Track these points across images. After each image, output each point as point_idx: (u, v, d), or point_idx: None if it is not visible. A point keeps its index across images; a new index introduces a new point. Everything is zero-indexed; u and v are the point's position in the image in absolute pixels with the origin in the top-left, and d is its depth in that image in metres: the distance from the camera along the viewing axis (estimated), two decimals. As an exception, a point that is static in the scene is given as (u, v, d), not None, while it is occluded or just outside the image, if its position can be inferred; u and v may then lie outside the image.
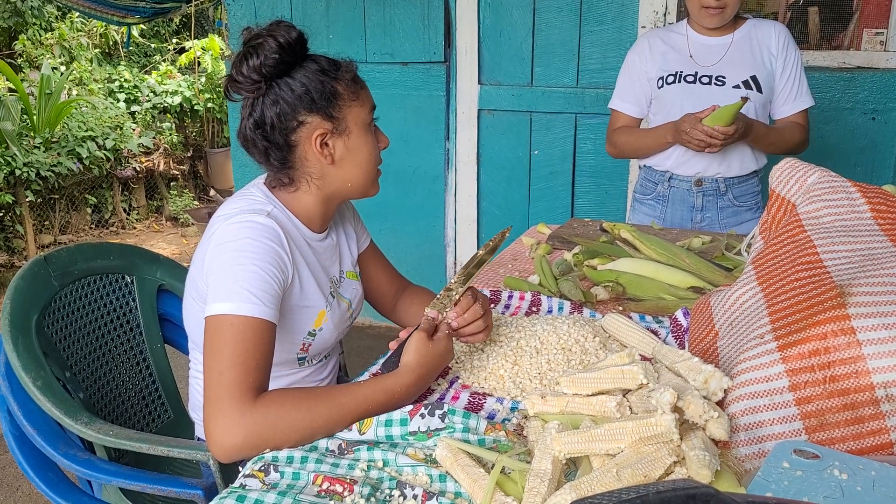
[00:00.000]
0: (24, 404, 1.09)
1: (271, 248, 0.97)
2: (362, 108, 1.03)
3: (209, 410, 0.87)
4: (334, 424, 0.88)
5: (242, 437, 0.84)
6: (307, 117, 1.00)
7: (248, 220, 0.97)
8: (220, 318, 0.91)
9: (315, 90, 0.99)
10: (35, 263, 1.20)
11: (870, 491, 0.62)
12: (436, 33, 2.79)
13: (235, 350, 0.89)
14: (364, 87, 1.05)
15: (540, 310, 1.30)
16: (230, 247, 0.95)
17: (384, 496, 0.77)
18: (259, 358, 0.90)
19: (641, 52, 1.84)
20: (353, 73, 1.04)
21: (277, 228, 0.99)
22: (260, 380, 0.90)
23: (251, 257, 0.94)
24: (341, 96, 1.01)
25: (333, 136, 1.02)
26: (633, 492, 0.47)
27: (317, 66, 1.01)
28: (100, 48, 6.00)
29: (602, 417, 0.79)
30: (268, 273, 0.95)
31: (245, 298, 0.91)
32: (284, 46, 0.98)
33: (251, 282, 0.93)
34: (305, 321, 1.07)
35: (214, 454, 0.86)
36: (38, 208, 4.50)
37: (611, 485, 0.68)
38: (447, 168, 2.94)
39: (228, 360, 0.88)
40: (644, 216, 1.91)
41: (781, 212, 1.04)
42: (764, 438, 0.76)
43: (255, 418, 0.85)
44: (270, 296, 0.94)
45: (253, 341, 0.90)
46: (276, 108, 0.99)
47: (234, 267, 0.94)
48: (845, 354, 0.73)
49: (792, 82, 1.76)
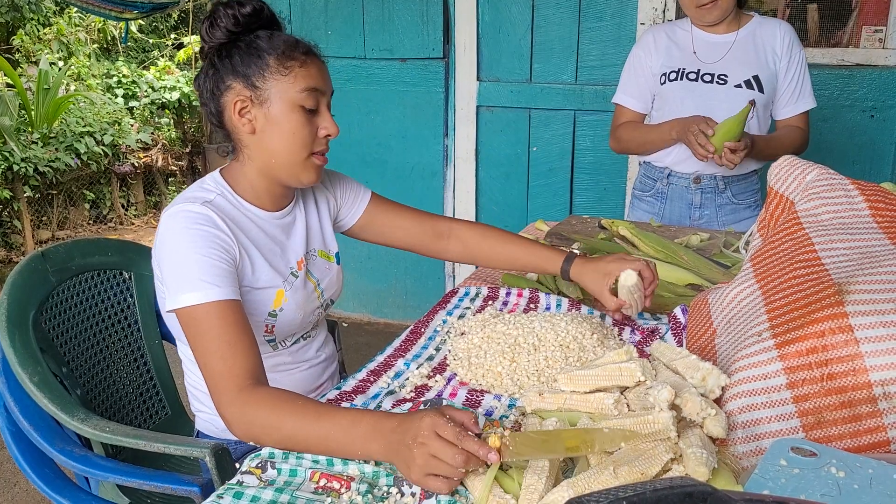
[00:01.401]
0: (21, 400, 1.09)
1: (208, 233, 0.99)
2: (292, 85, 1.03)
3: (214, 403, 0.92)
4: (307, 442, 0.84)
5: (242, 430, 0.88)
6: (232, 82, 1.04)
7: (183, 210, 1.00)
8: (185, 311, 0.95)
9: (244, 58, 1.03)
10: (32, 259, 1.20)
11: (867, 489, 0.62)
12: (434, 29, 2.78)
13: (208, 340, 0.93)
14: (307, 66, 1.04)
15: (538, 307, 1.30)
16: (171, 240, 0.99)
17: (381, 493, 0.77)
18: (231, 338, 0.93)
19: (646, 46, 1.83)
20: (291, 49, 1.03)
21: (212, 214, 1.01)
22: (239, 361, 0.92)
23: (193, 247, 0.97)
24: (269, 68, 1.03)
25: (253, 105, 1.04)
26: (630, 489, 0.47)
27: (260, 39, 1.04)
28: (98, 43, 5.98)
29: (600, 415, 0.79)
30: (213, 257, 0.98)
31: (202, 286, 0.94)
32: (231, 17, 1.03)
33: (202, 269, 0.96)
34: (263, 302, 1.08)
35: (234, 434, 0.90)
36: (36, 204, 4.49)
37: (608, 482, 0.68)
38: (445, 165, 2.93)
39: (206, 353, 0.92)
40: (643, 213, 1.91)
41: (780, 209, 1.04)
42: (761, 436, 0.76)
43: (242, 413, 0.88)
44: (223, 276, 0.97)
45: (220, 326, 0.93)
46: (210, 71, 1.05)
47: (181, 260, 0.97)
48: (843, 352, 0.73)
49: (795, 83, 1.75)
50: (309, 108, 1.04)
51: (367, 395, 0.99)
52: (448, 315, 1.28)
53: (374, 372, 1.07)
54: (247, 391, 0.89)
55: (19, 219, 4.29)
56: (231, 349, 0.92)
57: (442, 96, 2.84)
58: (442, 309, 1.32)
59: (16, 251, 4.29)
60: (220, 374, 0.91)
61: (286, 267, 1.12)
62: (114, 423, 1.07)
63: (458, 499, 0.75)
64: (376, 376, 1.05)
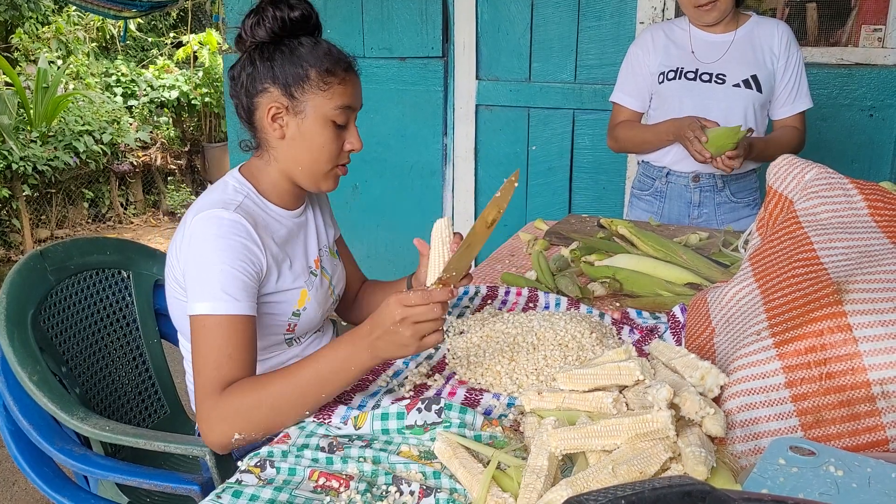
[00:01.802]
0: (20, 399, 1.09)
1: (239, 244, 1.00)
2: (329, 101, 1.04)
3: (196, 410, 0.95)
4: (295, 401, 0.91)
5: (218, 429, 0.91)
6: (269, 86, 1.05)
7: (216, 217, 1.00)
8: (199, 318, 0.96)
9: (286, 65, 1.04)
10: (31, 258, 1.20)
11: (865, 488, 0.62)
12: (433, 28, 2.78)
13: (210, 349, 0.95)
14: (345, 84, 1.05)
15: (537, 306, 1.30)
16: (200, 246, 0.99)
17: (380, 492, 0.77)
18: (233, 351, 0.95)
19: (644, 45, 1.83)
20: (333, 64, 1.04)
21: (244, 222, 1.02)
22: (232, 372, 0.94)
23: (221, 256, 0.98)
24: (309, 81, 1.03)
25: (288, 113, 1.05)
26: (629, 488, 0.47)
27: (303, 47, 1.04)
28: (97, 42, 5.97)
29: (598, 414, 0.79)
30: (238, 269, 0.99)
31: (220, 298, 0.96)
32: (279, 21, 1.03)
33: (224, 281, 0.97)
34: (288, 303, 1.10)
35: (209, 442, 0.94)
36: (35, 203, 4.48)
37: (606, 481, 0.68)
38: (444, 163, 2.93)
39: (204, 360, 0.95)
40: (641, 212, 1.91)
41: (779, 208, 1.04)
42: (760, 435, 0.76)
43: (220, 411, 0.91)
44: (244, 291, 0.98)
45: (226, 338, 0.95)
46: (250, 68, 1.06)
47: (206, 268, 0.98)
48: (841, 351, 0.73)
49: (792, 84, 1.75)
50: (340, 123, 1.06)
51: (366, 393, 0.99)
52: (447, 314, 1.28)
53: (373, 370, 1.07)
54: (217, 395, 0.93)
55: (18, 217, 4.28)
56: (228, 361, 0.94)
57: (441, 95, 2.84)
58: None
59: (14, 250, 4.28)
60: (211, 380, 0.93)
61: (307, 266, 1.14)
62: (113, 421, 1.07)
63: (456, 498, 0.75)
64: (375, 375, 1.05)
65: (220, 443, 0.92)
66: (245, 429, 0.91)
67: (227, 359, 0.94)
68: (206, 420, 0.92)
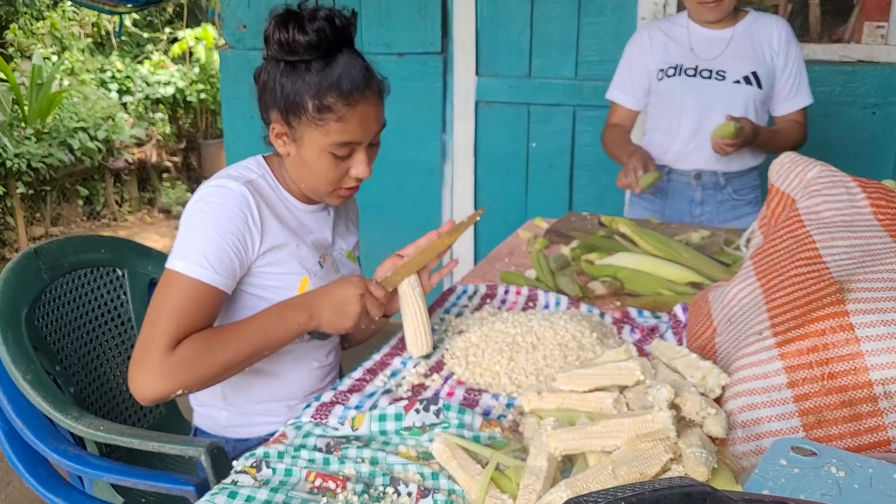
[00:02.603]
0: (14, 399, 1.08)
1: (237, 216, 1.00)
2: (324, 137, 1.00)
3: (135, 357, 0.94)
4: (242, 358, 0.96)
5: (157, 384, 0.92)
6: (273, 109, 1.03)
7: (222, 185, 1.02)
8: (172, 273, 0.97)
9: (287, 91, 1.00)
10: (25, 256, 1.19)
11: (867, 488, 0.61)
12: (433, 24, 2.76)
13: (175, 306, 0.95)
14: (345, 120, 0.99)
15: (537, 305, 1.29)
16: (199, 207, 1.01)
17: (378, 493, 0.76)
18: (195, 318, 0.96)
19: (641, 43, 1.82)
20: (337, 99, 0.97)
21: (248, 196, 1.02)
22: (186, 334, 0.95)
23: (214, 223, 0.99)
24: (306, 113, 0.99)
25: (288, 137, 1.04)
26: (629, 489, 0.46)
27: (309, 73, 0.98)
28: (92, 38, 5.93)
29: (598, 414, 0.78)
30: (227, 241, 0.99)
31: (198, 262, 0.96)
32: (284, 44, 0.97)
33: (208, 247, 0.97)
34: (287, 289, 1.08)
35: (137, 398, 0.94)
36: (29, 200, 4.46)
37: (606, 482, 0.67)
38: (443, 160, 2.92)
39: (164, 315, 0.95)
40: (642, 210, 1.90)
41: (781, 206, 1.04)
42: (761, 435, 0.75)
43: (170, 362, 0.92)
44: (224, 264, 0.98)
45: (193, 302, 0.96)
46: (265, 76, 1.03)
47: (197, 228, 0.99)
48: (844, 351, 0.73)
49: (792, 80, 1.75)
50: (339, 155, 1.03)
51: (363, 394, 0.98)
52: (446, 313, 1.27)
53: (371, 371, 1.06)
54: (169, 351, 0.93)
55: (12, 215, 4.26)
56: (186, 323, 0.95)
57: (440, 91, 2.83)
58: (440, 307, 1.31)
59: (9, 248, 4.26)
60: (163, 334, 0.93)
61: (313, 257, 1.13)
62: (108, 421, 1.06)
63: (455, 499, 0.74)
64: (373, 375, 1.04)
65: (153, 397, 0.92)
66: (188, 385, 0.92)
67: (186, 319, 0.95)
68: (147, 372, 0.92)
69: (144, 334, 0.95)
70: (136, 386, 0.93)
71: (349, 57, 1.00)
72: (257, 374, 1.13)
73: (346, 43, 1.01)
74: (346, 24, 1.00)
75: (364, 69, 1.01)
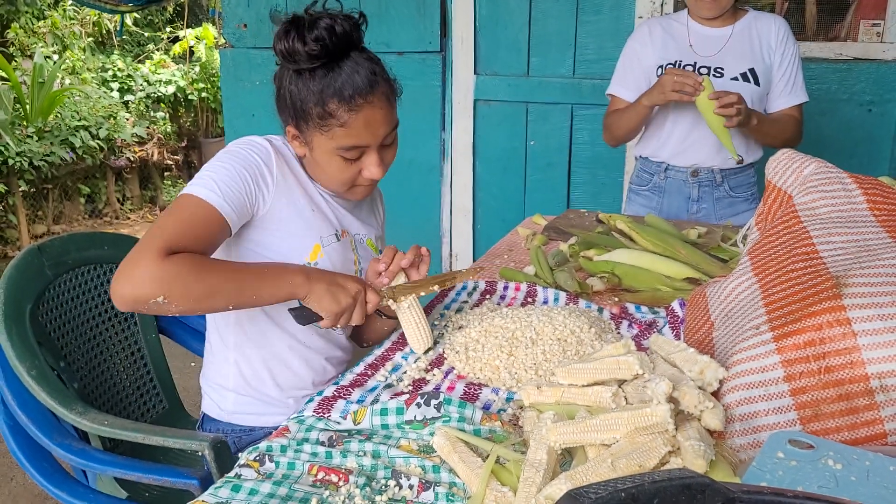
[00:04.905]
0: (19, 394, 1.09)
1: (253, 159, 1.03)
2: (329, 141, 1.02)
3: (126, 258, 0.91)
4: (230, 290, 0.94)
5: (144, 286, 0.89)
6: (284, 112, 1.06)
7: (247, 138, 1.06)
8: (182, 195, 0.98)
9: (293, 95, 1.02)
10: (28, 253, 1.19)
11: (864, 481, 0.62)
12: (431, 23, 2.77)
13: (177, 218, 0.95)
14: (348, 125, 1.00)
15: (535, 301, 1.30)
16: (219, 153, 1.04)
17: (380, 486, 0.77)
18: (195, 236, 0.95)
19: (641, 38, 1.83)
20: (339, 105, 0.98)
21: (269, 148, 1.05)
22: (186, 247, 0.94)
23: (230, 159, 1.02)
24: (311, 119, 1.01)
25: (300, 141, 1.06)
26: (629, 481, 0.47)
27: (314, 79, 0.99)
28: (93, 37, 5.93)
29: (597, 408, 0.79)
30: (240, 175, 1.01)
31: (208, 186, 0.98)
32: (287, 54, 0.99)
33: (220, 175, 0.99)
34: (298, 250, 1.09)
35: (115, 298, 0.90)
36: (32, 198, 4.47)
37: (606, 475, 0.68)
38: (443, 159, 2.93)
39: (165, 224, 0.94)
40: (640, 207, 1.91)
41: (778, 203, 1.04)
42: (759, 429, 0.76)
43: (161, 266, 0.89)
44: (233, 193, 0.99)
45: (197, 219, 0.96)
46: (277, 81, 1.05)
47: (213, 163, 1.01)
48: (840, 345, 0.73)
49: (788, 76, 1.76)
50: (348, 158, 1.04)
51: (364, 388, 0.99)
52: (445, 309, 1.28)
53: (372, 366, 1.07)
54: (165, 254, 0.90)
55: (14, 213, 4.26)
56: (185, 235, 0.94)
57: (439, 90, 2.83)
58: (439, 303, 1.32)
59: (11, 246, 4.27)
60: (165, 240, 0.91)
61: (329, 228, 1.13)
62: (111, 416, 1.07)
63: (456, 492, 0.75)
64: (374, 370, 1.05)
65: (133, 296, 0.88)
66: (172, 296, 0.89)
67: (186, 233, 0.94)
68: (136, 270, 0.88)
69: (142, 239, 0.93)
70: (120, 283, 0.89)
71: (354, 62, 1.00)
72: (272, 361, 1.14)
73: (352, 47, 1.01)
74: (350, 30, 0.99)
75: (370, 73, 1.00)
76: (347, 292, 1.00)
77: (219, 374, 1.17)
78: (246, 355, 1.14)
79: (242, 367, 1.14)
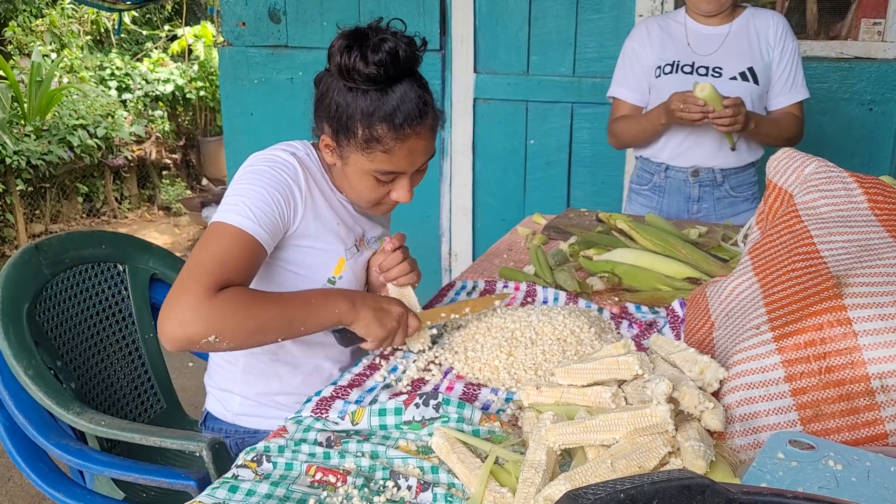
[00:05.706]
0: (15, 394, 1.08)
1: (283, 179, 1.02)
2: (369, 163, 1.02)
3: (172, 296, 0.89)
4: (280, 324, 0.94)
5: (196, 324, 0.87)
6: (324, 122, 1.04)
7: (271, 154, 1.05)
8: (217, 223, 0.96)
9: (340, 111, 1.00)
10: (26, 251, 1.19)
11: (864, 482, 0.62)
12: (431, 21, 2.76)
13: (218, 251, 0.93)
14: (392, 153, 0.99)
15: (535, 300, 1.30)
16: (247, 170, 1.02)
17: (378, 487, 0.77)
18: (237, 267, 0.94)
19: (640, 38, 1.82)
20: (387, 131, 0.97)
21: (296, 165, 1.04)
22: (231, 280, 0.93)
23: (260, 180, 1.00)
24: (355, 138, 1.00)
25: (334, 152, 1.05)
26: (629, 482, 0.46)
27: (366, 99, 0.97)
28: (91, 35, 5.92)
29: (597, 408, 0.79)
30: (272, 197, 1.00)
31: (242, 213, 0.96)
32: (344, 69, 0.97)
33: (252, 200, 0.98)
34: (323, 266, 1.09)
35: (165, 339, 0.88)
36: (29, 197, 4.46)
37: (605, 475, 0.67)
38: (442, 157, 2.92)
39: (207, 258, 0.92)
40: (640, 207, 1.90)
41: (778, 202, 1.04)
42: (759, 429, 0.76)
43: (211, 304, 0.88)
44: (267, 218, 0.98)
45: (237, 250, 0.94)
46: (324, 88, 1.02)
47: (244, 186, 1.00)
48: (841, 345, 0.73)
49: (788, 73, 1.75)
50: (382, 180, 1.04)
51: (362, 389, 0.99)
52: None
53: (371, 366, 1.06)
54: (212, 293, 0.89)
55: (12, 212, 4.26)
56: (228, 268, 0.92)
57: (439, 89, 2.82)
58: (439, 303, 1.31)
59: (8, 245, 4.26)
60: (210, 274, 0.90)
61: (350, 238, 1.14)
62: (109, 416, 1.07)
63: (454, 493, 0.75)
64: (373, 370, 1.05)
65: (185, 337, 0.87)
66: (224, 334, 0.87)
67: (229, 265, 0.92)
68: (185, 309, 0.86)
69: (184, 275, 0.90)
70: (170, 324, 0.87)
71: (407, 88, 0.98)
72: (279, 364, 1.14)
73: (409, 73, 0.99)
74: (411, 56, 0.97)
75: (420, 102, 0.99)
76: (392, 316, 1.01)
77: (225, 377, 1.17)
78: (251, 363, 1.14)
79: (251, 372, 1.14)
